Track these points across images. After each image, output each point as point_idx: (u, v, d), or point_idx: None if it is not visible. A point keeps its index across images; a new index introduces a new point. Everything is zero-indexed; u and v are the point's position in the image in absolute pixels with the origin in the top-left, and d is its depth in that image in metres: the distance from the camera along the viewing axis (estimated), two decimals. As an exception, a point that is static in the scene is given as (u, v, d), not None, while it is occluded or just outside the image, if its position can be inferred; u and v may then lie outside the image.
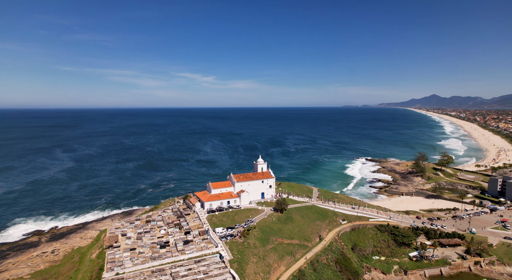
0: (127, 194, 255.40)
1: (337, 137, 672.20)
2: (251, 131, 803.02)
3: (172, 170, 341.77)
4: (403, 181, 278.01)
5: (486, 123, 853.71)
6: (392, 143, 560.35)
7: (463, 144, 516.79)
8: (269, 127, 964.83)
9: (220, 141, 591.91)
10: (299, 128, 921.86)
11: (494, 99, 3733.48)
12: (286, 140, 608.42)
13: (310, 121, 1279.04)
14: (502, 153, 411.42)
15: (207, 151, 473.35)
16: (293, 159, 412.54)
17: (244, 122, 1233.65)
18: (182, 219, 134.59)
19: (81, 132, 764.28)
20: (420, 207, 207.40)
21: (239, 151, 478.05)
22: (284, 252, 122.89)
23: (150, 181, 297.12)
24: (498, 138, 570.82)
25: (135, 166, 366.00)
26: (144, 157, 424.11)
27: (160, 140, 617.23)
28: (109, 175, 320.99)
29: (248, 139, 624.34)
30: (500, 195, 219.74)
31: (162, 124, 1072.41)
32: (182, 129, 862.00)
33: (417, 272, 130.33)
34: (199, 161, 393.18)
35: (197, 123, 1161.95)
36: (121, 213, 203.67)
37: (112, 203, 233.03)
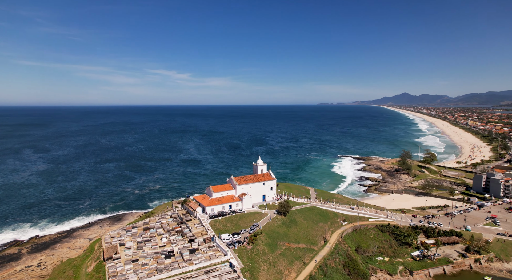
0: (112, 197, 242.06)
1: (319, 134, 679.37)
2: (231, 130, 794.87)
3: (156, 171, 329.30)
4: (391, 178, 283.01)
5: (456, 120, 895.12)
6: (373, 141, 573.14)
7: (440, 141, 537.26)
8: (249, 125, 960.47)
9: (201, 140, 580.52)
10: (279, 126, 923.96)
11: (459, 98, 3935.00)
12: (268, 138, 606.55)
13: (289, 119, 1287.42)
14: (476, 149, 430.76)
15: (190, 150, 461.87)
16: (279, 157, 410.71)
17: (223, 120, 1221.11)
18: (184, 225, 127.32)
19: (52, 131, 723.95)
20: (412, 205, 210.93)
21: (222, 150, 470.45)
22: (293, 257, 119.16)
23: (135, 183, 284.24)
24: (469, 135, 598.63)
25: (116, 167, 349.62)
26: (125, 157, 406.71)
27: (139, 139, 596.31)
28: (89, 177, 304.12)
29: (230, 138, 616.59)
30: (484, 191, 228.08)
31: (139, 123, 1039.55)
32: (160, 128, 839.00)
33: (422, 272, 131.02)
34: (183, 161, 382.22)
35: (175, 121, 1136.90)
36: (108, 218, 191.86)
37: (97, 207, 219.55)
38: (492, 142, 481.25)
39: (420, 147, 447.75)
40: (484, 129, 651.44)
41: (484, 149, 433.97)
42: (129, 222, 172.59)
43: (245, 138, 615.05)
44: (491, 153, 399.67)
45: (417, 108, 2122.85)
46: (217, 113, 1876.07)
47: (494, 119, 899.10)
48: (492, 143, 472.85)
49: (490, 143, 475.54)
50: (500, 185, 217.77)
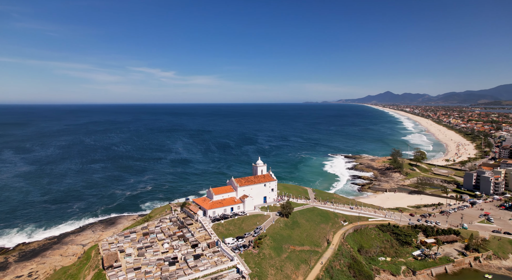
0: (102, 199, 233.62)
1: (307, 133, 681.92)
2: (219, 129, 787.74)
3: (146, 171, 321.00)
4: (383, 177, 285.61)
5: (439, 119, 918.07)
6: (361, 139, 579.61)
7: (427, 140, 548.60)
8: (237, 124, 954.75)
9: (190, 139, 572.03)
10: (267, 124, 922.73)
11: (439, 96, 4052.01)
12: (257, 137, 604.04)
13: (276, 118, 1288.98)
14: (461, 147, 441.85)
15: (179, 150, 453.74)
16: (270, 157, 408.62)
17: (209, 119, 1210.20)
18: (185, 230, 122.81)
19: (32, 131, 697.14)
20: (407, 203, 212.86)
21: (212, 149, 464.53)
22: (299, 260, 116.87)
23: (124, 184, 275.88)
24: (453, 133, 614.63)
25: (104, 167, 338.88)
26: (112, 157, 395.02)
27: (125, 138, 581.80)
28: (76, 178, 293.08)
29: (218, 137, 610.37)
30: (475, 188, 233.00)
31: (124, 121, 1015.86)
32: (146, 127, 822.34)
33: (425, 271, 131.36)
34: (173, 161, 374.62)
35: (161, 120, 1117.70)
36: (100, 222, 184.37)
37: (87, 210, 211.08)
38: (475, 140, 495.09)
39: (409, 145, 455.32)
40: (466, 127, 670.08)
41: (468, 146, 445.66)
42: (124, 226, 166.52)
43: (234, 137, 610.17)
44: (475, 150, 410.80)
45: (400, 106, 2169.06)
46: (203, 112, 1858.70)
47: (474, 117, 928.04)
48: (475, 141, 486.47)
49: (473, 141, 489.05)
50: (490, 183, 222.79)
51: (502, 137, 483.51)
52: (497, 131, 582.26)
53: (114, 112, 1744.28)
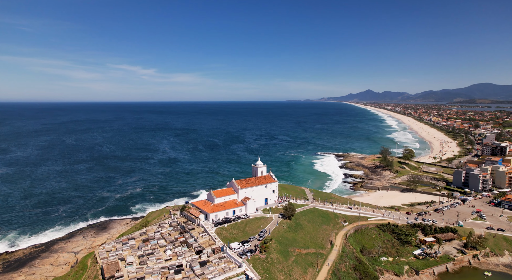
0: (90, 203, 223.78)
1: (294, 131, 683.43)
2: (205, 127, 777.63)
3: (133, 172, 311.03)
4: (374, 175, 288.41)
5: (420, 117, 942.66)
6: (347, 137, 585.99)
7: (412, 137, 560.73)
8: (222, 122, 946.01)
9: (176, 138, 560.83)
10: (253, 123, 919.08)
11: (417, 94, 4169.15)
12: (244, 136, 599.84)
13: (261, 116, 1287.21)
14: (444, 145, 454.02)
15: (165, 150, 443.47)
16: (259, 155, 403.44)
17: (193, 117, 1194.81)
18: (187, 235, 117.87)
19: (7, 131, 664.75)
20: (401, 201, 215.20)
21: (200, 148, 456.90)
22: (305, 264, 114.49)
23: (112, 185, 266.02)
24: (435, 130, 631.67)
25: (88, 168, 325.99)
26: (96, 158, 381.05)
27: (108, 138, 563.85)
28: (59, 180, 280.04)
29: (205, 136, 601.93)
30: (464, 185, 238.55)
31: (106, 120, 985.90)
32: (130, 126, 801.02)
33: (427, 271, 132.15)
34: (161, 161, 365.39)
35: (144, 118, 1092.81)
36: (90, 227, 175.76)
37: (75, 215, 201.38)
38: (456, 137, 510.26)
39: (397, 143, 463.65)
40: (446, 125, 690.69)
41: (451, 144, 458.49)
42: (118, 231, 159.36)
43: (221, 136, 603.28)
44: (458, 148, 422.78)
45: (381, 104, 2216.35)
46: (186, 110, 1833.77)
47: (452, 115, 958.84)
48: (457, 138, 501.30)
49: (455, 138, 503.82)
50: (479, 180, 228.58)
51: (481, 135, 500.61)
52: (475, 128, 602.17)
53: (95, 111, 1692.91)
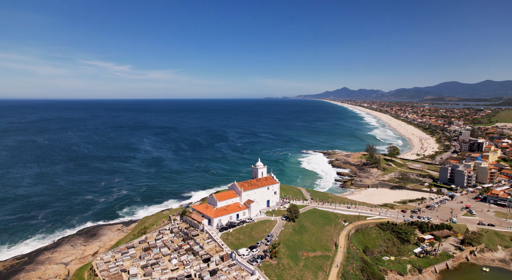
0: (73, 208, 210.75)
1: (276, 129, 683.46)
2: (185, 125, 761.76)
3: (116, 173, 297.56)
4: (362, 173, 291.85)
5: (397, 114, 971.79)
6: (330, 134, 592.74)
7: (393, 134, 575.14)
8: (201, 120, 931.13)
9: (157, 137, 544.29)
10: (233, 121, 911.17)
11: (391, 92, 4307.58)
12: (227, 134, 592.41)
13: (242, 114, 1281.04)
14: (423, 141, 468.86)
15: (147, 149, 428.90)
16: (244, 154, 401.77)
17: (172, 115, 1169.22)
18: (192, 242, 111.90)
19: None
20: (393, 199, 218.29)
21: (183, 148, 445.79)
22: (315, 268, 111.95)
23: (95, 188, 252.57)
24: (412, 127, 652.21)
25: (66, 170, 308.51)
26: (74, 158, 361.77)
27: (85, 137, 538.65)
28: (35, 184, 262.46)
29: (186, 134, 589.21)
30: (449, 182, 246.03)
31: (79, 119, 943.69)
32: (106, 124, 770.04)
33: (429, 269, 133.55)
34: (144, 161, 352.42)
35: (120, 116, 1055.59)
36: (78, 235, 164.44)
37: (57, 221, 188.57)
38: (434, 134, 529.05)
39: (381, 140, 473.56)
40: (422, 122, 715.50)
41: (429, 140, 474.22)
42: (110, 238, 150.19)
43: (203, 134, 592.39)
44: (437, 144, 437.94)
45: (357, 101, 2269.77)
46: (163, 108, 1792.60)
47: (426, 112, 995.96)
48: (434, 135, 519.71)
49: (432, 135, 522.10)
50: (464, 176, 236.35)
51: (457, 131, 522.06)
52: (449, 125, 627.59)
53: (67, 108, 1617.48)
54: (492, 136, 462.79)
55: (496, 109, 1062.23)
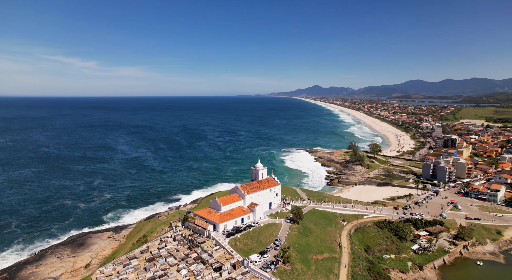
0: (51, 215, 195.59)
1: (255, 127, 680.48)
2: (160, 124, 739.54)
3: (94, 176, 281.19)
4: (347, 170, 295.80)
5: (370, 111, 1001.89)
6: (309, 132, 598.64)
7: (370, 131, 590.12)
8: (177, 118, 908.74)
9: (132, 137, 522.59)
10: (210, 119, 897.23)
11: (360, 90, 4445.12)
12: (206, 133, 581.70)
13: (218, 112, 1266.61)
14: (399, 138, 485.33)
15: (124, 150, 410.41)
16: (227, 153, 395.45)
17: (145, 113, 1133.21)
18: (199, 249, 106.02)
19: None
20: (382, 196, 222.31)
21: (162, 147, 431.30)
22: (326, 271, 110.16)
23: (73, 193, 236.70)
24: (386, 124, 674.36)
25: (38, 174, 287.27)
26: (44, 160, 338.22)
27: (53, 137, 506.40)
28: (2, 189, 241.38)
29: (163, 133, 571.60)
30: (432, 177, 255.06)
31: (44, 117, 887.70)
32: (75, 123, 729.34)
33: (429, 265, 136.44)
34: (123, 162, 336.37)
35: (89, 115, 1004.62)
36: (62, 245, 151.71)
37: (35, 230, 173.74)
38: (407, 131, 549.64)
39: (362, 138, 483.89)
40: (395, 119, 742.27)
41: (405, 137, 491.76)
42: (100, 247, 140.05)
43: (181, 133, 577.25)
44: (412, 141, 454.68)
45: (330, 99, 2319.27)
46: (135, 106, 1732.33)
47: (396, 110, 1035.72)
48: (408, 132, 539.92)
49: (407, 132, 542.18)
50: (445, 172, 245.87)
51: (429, 128, 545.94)
52: (421, 122, 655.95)
53: (28, 106, 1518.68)
54: (461, 132, 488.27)
55: (458, 107, 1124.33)
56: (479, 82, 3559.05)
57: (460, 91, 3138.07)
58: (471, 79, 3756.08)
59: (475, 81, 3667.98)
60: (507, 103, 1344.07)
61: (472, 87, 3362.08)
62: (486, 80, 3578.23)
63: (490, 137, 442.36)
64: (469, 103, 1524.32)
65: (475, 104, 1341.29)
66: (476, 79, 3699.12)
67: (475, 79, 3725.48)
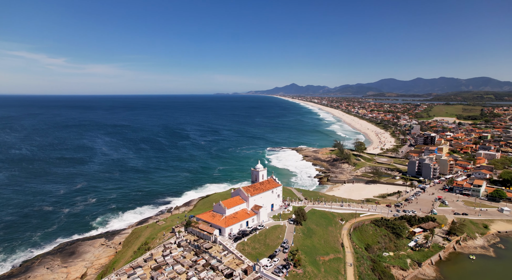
0: (32, 221, 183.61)
1: (237, 126, 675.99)
2: (138, 123, 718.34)
3: (76, 178, 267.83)
4: (334, 168, 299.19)
5: (348, 109, 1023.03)
6: (292, 130, 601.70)
7: (352, 129, 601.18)
8: (155, 117, 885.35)
9: (111, 137, 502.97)
10: (190, 118, 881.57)
11: (336, 88, 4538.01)
12: (187, 132, 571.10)
13: (197, 110, 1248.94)
14: (380, 135, 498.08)
15: (104, 150, 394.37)
16: (212, 152, 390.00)
17: (121, 112, 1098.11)
18: (206, 255, 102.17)
19: None
20: (372, 193, 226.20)
21: (143, 148, 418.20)
22: (333, 272, 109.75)
23: (54, 197, 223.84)
24: (365, 122, 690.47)
25: (11, 178, 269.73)
26: (16, 163, 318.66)
27: (24, 138, 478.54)
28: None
29: (143, 133, 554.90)
30: (417, 174, 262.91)
31: (10, 117, 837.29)
32: (46, 123, 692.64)
33: (426, 261, 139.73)
34: (104, 164, 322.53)
35: (61, 114, 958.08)
36: (50, 255, 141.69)
37: (15, 240, 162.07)
38: (387, 128, 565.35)
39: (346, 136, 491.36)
40: (373, 117, 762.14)
41: (385, 134, 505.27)
42: (94, 255, 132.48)
43: (161, 133, 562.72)
44: (392, 138, 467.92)
45: (308, 97, 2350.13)
46: (109, 105, 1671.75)
47: (372, 108, 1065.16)
48: (387, 129, 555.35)
49: (386, 129, 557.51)
50: (430, 169, 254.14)
51: (406, 125, 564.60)
52: (398, 120, 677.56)
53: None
54: (436, 129, 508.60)
55: (430, 105, 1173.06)
56: (447, 81, 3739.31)
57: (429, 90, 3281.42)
58: (440, 78, 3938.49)
59: (443, 80, 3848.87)
60: (473, 101, 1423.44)
61: (441, 86, 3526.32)
62: (453, 79, 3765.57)
63: (464, 134, 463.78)
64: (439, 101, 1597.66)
65: (444, 102, 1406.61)
66: (444, 78, 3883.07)
67: (443, 78, 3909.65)
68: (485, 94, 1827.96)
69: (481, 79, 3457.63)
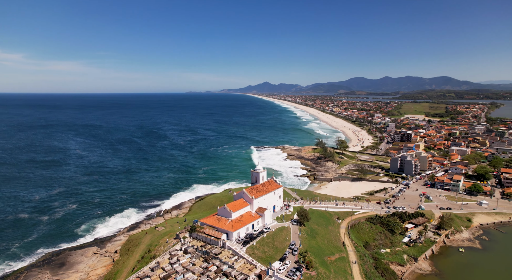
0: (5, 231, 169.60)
1: (215, 125, 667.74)
2: (111, 123, 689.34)
3: (52, 183, 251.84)
4: (319, 167, 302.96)
5: (323, 107, 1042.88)
6: (271, 129, 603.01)
7: (330, 128, 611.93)
8: (128, 117, 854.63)
9: (83, 138, 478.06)
10: (165, 117, 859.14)
11: (308, 86, 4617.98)
12: (164, 132, 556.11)
13: (171, 109, 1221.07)
14: (358, 133, 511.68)
15: (77, 152, 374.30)
16: (194, 152, 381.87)
17: (90, 112, 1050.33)
18: (217, 261, 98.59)
19: None
20: (360, 191, 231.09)
21: (120, 149, 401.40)
22: (342, 272, 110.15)
23: (29, 204, 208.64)
24: (341, 120, 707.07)
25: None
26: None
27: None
28: None
29: (117, 133, 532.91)
30: (400, 171, 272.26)
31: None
32: (7, 124, 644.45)
33: (422, 256, 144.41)
34: (81, 166, 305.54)
35: (23, 114, 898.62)
36: (36, 267, 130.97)
37: None
38: (362, 126, 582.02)
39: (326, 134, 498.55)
40: (348, 115, 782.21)
41: (362, 132, 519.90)
42: (88, 265, 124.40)
43: (137, 133, 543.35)
44: (369, 136, 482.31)
45: (282, 96, 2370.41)
46: (76, 104, 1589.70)
47: (346, 106, 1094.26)
48: (363, 127, 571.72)
49: (362, 127, 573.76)
50: (412, 165, 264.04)
51: (381, 123, 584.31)
52: (372, 118, 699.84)
53: None
54: (410, 127, 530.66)
55: (400, 103, 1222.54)
56: (412, 80, 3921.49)
57: (397, 88, 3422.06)
58: (406, 77, 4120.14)
59: (408, 79, 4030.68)
60: (437, 99, 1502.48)
61: (407, 85, 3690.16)
62: (417, 78, 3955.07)
63: (434, 131, 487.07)
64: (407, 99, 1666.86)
65: (412, 100, 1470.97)
66: (410, 77, 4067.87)
67: (409, 77, 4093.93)
68: (447, 92, 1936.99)
69: (442, 78, 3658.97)
